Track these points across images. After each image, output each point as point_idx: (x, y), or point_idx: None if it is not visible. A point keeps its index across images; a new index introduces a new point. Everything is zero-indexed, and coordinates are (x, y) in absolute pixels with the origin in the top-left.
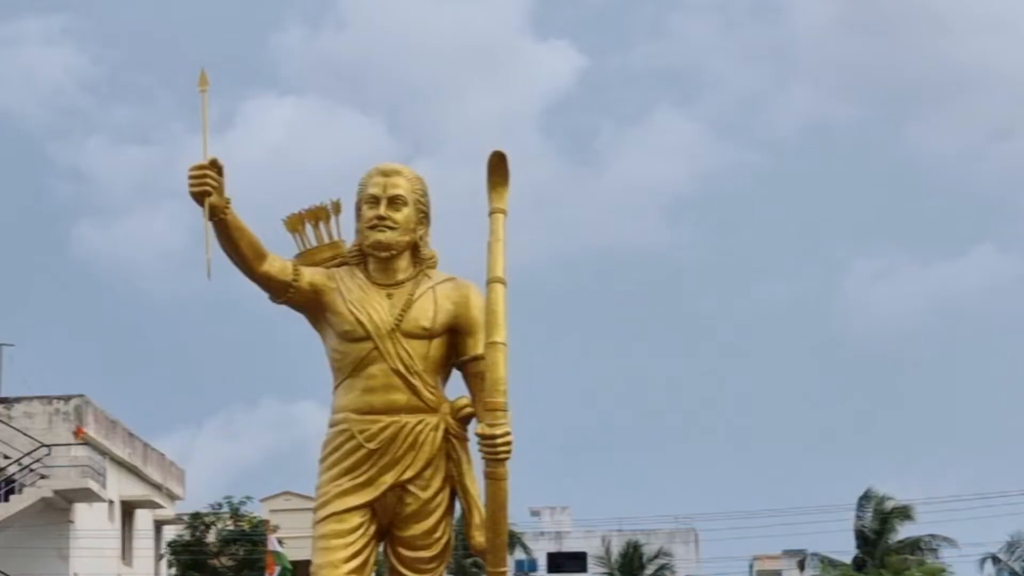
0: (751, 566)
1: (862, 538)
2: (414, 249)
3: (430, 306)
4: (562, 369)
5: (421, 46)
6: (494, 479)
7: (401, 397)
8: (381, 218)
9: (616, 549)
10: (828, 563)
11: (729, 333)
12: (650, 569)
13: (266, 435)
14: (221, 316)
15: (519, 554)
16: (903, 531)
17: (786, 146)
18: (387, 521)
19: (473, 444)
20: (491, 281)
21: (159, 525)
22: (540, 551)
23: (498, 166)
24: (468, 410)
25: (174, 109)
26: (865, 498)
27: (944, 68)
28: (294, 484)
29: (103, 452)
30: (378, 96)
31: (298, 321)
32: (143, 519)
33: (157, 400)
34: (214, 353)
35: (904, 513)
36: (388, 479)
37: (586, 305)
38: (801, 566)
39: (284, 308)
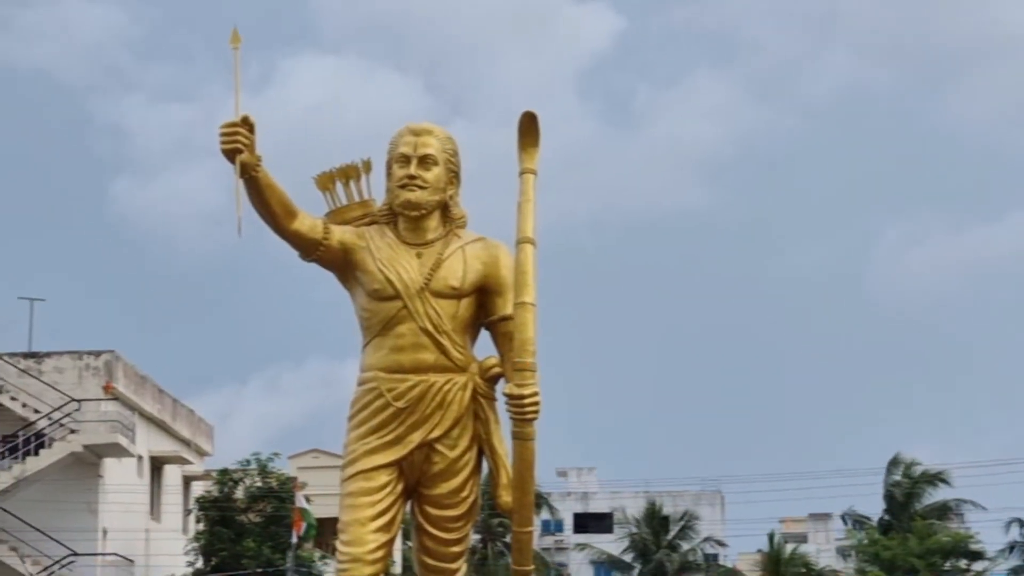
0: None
1: (891, 501)
2: (444, 209)
3: (459, 266)
4: (592, 330)
5: (460, 7)
6: (522, 439)
7: (429, 356)
8: (412, 177)
9: (641, 511)
10: (858, 523)
11: (761, 296)
12: (674, 530)
13: (311, 393)
14: (264, 274)
15: (545, 514)
16: (932, 495)
17: (822, 110)
18: (414, 480)
19: (501, 404)
20: (521, 241)
21: (187, 481)
22: (566, 511)
23: (529, 127)
24: (496, 370)
25: (213, 67)
26: (894, 463)
27: (982, 34)
28: (324, 442)
29: (132, 407)
30: (416, 56)
31: None
32: (172, 475)
33: (195, 357)
34: (257, 311)
35: (933, 478)
36: (416, 438)
37: (618, 266)
38: (844, 521)
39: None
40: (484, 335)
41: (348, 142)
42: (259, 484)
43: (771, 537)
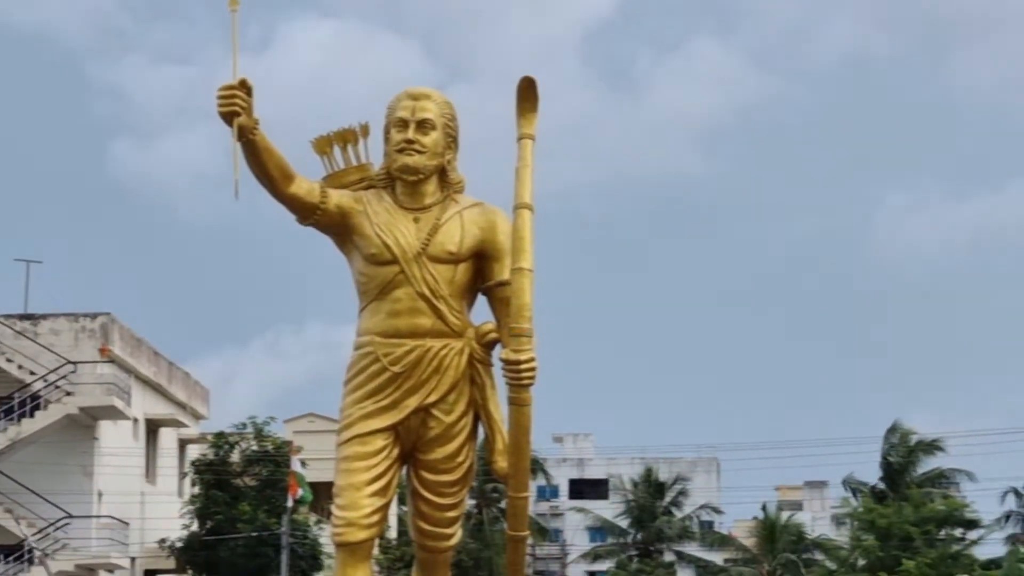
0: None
1: (888, 469)
2: (442, 173)
3: (457, 231)
4: (589, 296)
5: None
6: (518, 404)
7: (426, 321)
8: (409, 142)
9: (637, 476)
10: (856, 491)
11: (760, 264)
12: (669, 496)
13: (308, 357)
14: (263, 237)
15: (541, 480)
16: (927, 464)
17: (824, 78)
18: (410, 444)
19: (497, 369)
20: (518, 207)
21: (183, 444)
22: (562, 477)
23: (527, 92)
24: (493, 335)
25: (212, 30)
26: (891, 431)
27: (986, 1)
28: (321, 406)
29: (128, 370)
30: (416, 20)
31: None
32: (167, 438)
33: (192, 320)
34: (255, 275)
35: (929, 446)
36: (412, 402)
37: (617, 232)
38: (844, 487)
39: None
40: (481, 300)
41: (346, 106)
42: (255, 448)
43: (764, 507)
